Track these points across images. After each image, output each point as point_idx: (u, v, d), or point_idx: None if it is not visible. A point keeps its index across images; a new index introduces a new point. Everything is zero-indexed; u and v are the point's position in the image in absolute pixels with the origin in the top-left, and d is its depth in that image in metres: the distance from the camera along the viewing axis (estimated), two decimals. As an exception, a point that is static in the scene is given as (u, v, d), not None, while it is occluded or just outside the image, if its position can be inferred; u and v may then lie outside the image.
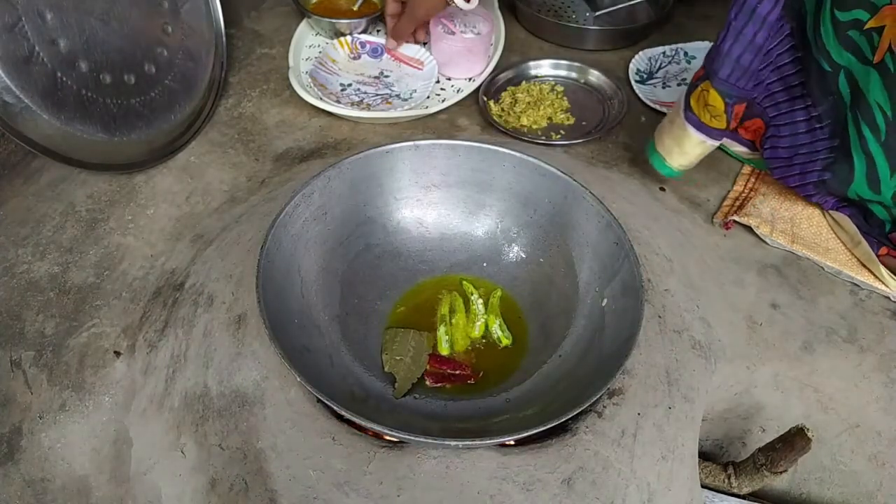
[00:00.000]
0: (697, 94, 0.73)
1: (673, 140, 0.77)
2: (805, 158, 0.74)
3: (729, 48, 0.68)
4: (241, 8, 1.13)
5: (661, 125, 0.80)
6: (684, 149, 0.76)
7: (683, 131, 0.75)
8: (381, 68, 1.02)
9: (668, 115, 0.79)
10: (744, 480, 0.67)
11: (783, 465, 0.63)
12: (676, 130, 0.76)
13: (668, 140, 0.77)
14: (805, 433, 0.61)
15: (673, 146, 0.77)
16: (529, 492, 0.55)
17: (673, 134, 0.77)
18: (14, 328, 0.70)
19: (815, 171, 0.74)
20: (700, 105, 0.72)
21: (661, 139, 0.79)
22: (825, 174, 0.73)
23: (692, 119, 0.74)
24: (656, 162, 0.79)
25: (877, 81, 0.63)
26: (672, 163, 0.78)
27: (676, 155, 0.77)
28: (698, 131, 0.74)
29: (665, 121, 0.79)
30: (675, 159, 0.78)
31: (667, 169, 0.79)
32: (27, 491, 0.62)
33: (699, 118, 0.73)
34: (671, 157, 0.78)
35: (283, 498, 0.56)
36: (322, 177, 0.68)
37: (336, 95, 0.95)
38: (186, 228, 0.80)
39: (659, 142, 0.79)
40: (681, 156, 0.77)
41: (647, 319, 0.67)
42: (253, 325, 0.65)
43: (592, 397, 0.55)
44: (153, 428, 0.63)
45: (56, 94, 0.73)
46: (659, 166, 0.79)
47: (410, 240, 0.75)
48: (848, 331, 0.73)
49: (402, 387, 0.63)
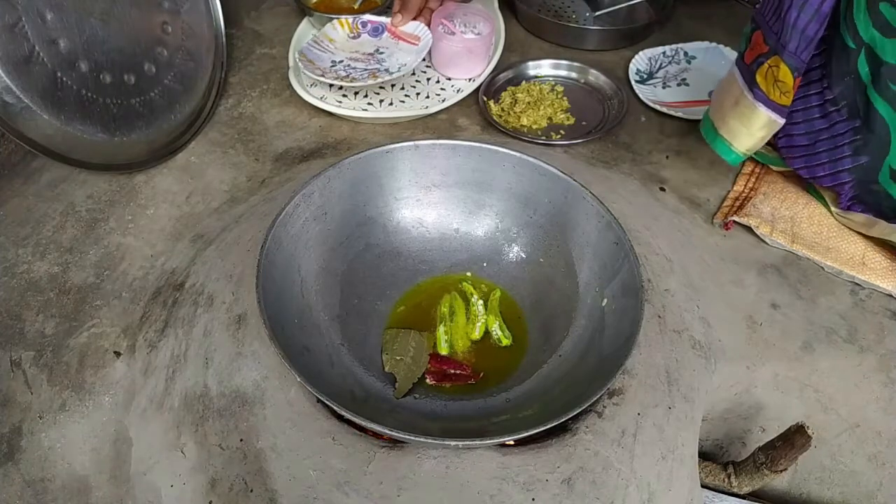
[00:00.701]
0: (765, 71, 0.69)
1: (740, 121, 0.73)
2: (829, 145, 0.72)
3: (795, 19, 0.65)
4: (241, 8, 1.13)
5: (720, 108, 0.76)
6: (752, 129, 0.73)
7: (753, 111, 0.71)
8: (377, 46, 1.01)
9: (725, 97, 0.75)
10: (744, 480, 0.67)
11: (783, 463, 0.63)
12: (743, 111, 0.72)
13: (733, 122, 0.74)
14: (805, 430, 0.61)
15: (740, 128, 0.73)
16: (529, 492, 0.55)
17: (739, 115, 0.73)
18: (14, 328, 0.70)
19: (848, 157, 0.72)
20: (769, 82, 0.69)
21: (725, 122, 0.75)
22: (860, 158, 0.71)
23: (761, 97, 0.70)
24: (721, 148, 0.75)
25: None
26: (739, 146, 0.74)
27: (744, 137, 0.74)
28: (769, 109, 0.71)
29: (725, 104, 0.75)
30: (743, 142, 0.74)
31: (733, 155, 0.75)
32: (27, 491, 0.62)
33: (768, 96, 0.70)
34: (738, 140, 0.74)
35: (283, 498, 0.56)
36: (322, 177, 0.68)
37: (322, 70, 0.94)
38: (186, 228, 0.80)
39: (722, 125, 0.75)
40: (748, 137, 0.74)
41: (647, 319, 0.67)
42: (253, 325, 0.65)
43: (592, 397, 0.55)
44: (153, 428, 0.63)
45: (56, 94, 0.73)
46: (724, 152, 0.75)
47: (410, 240, 0.75)
48: (848, 331, 0.73)
49: (402, 387, 0.63)
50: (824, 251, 0.78)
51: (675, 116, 0.96)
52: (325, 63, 0.97)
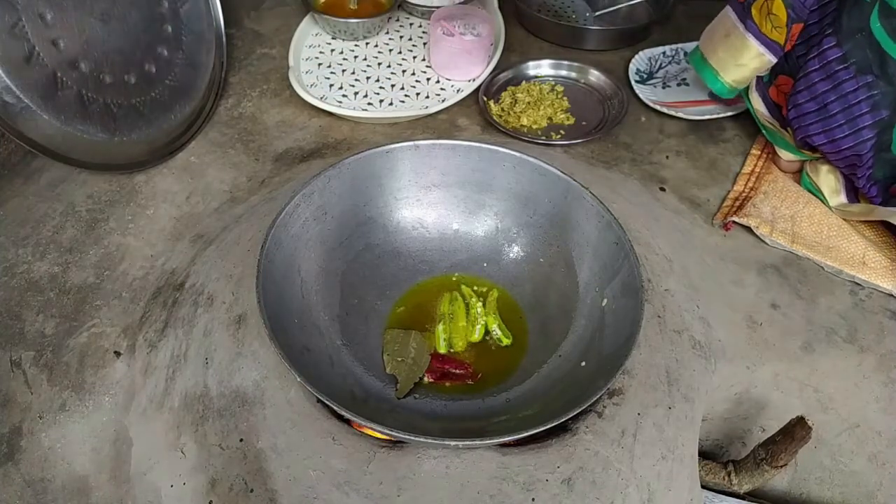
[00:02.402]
0: (760, 4, 0.70)
1: (729, 53, 0.74)
2: (842, 104, 0.72)
3: None
4: (241, 8, 1.13)
5: (712, 38, 0.76)
6: (741, 61, 0.73)
7: (743, 41, 0.72)
8: None
9: (718, 27, 0.75)
10: (744, 477, 0.67)
11: (784, 458, 0.63)
12: (734, 42, 0.73)
13: (722, 52, 0.74)
14: (805, 422, 0.61)
15: (728, 59, 0.74)
16: (529, 492, 0.55)
17: (729, 45, 0.73)
18: (14, 328, 0.70)
19: (867, 114, 0.71)
20: (763, 14, 0.70)
21: (714, 52, 0.75)
22: (880, 112, 0.70)
23: (753, 28, 0.71)
24: (708, 76, 0.76)
25: None
26: (726, 77, 0.75)
27: (732, 69, 0.74)
28: (759, 42, 0.72)
29: (716, 33, 0.76)
30: (731, 73, 0.75)
31: (719, 84, 0.76)
32: (27, 491, 0.62)
33: (759, 28, 0.71)
34: (726, 71, 0.75)
35: (283, 498, 0.56)
36: (322, 177, 0.68)
37: None
38: (186, 228, 0.80)
39: (711, 54, 0.75)
40: (736, 69, 0.74)
41: (647, 319, 0.67)
42: (253, 325, 0.65)
43: (592, 397, 0.55)
44: (153, 428, 0.63)
45: (56, 94, 0.73)
46: (711, 81, 0.76)
47: (410, 240, 0.75)
48: (848, 331, 0.73)
49: (403, 387, 0.63)
50: (824, 251, 0.79)
51: (675, 116, 0.96)
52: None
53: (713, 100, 0.99)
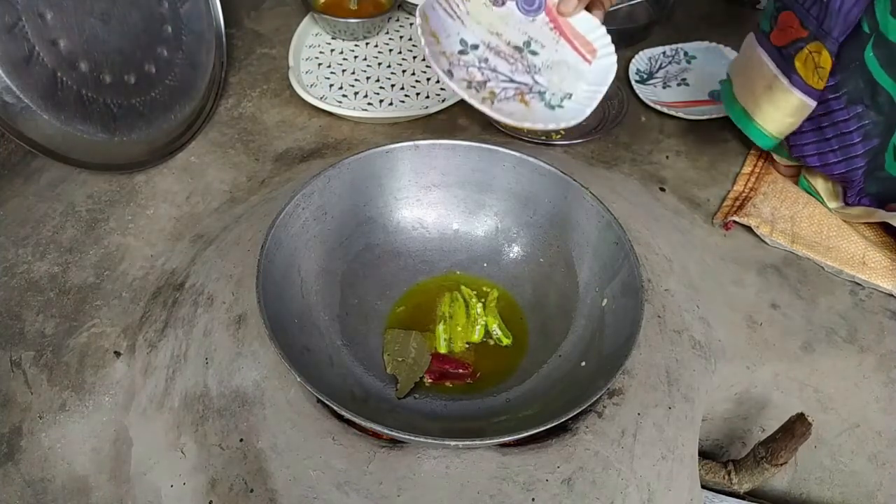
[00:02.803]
0: (805, 57, 0.69)
1: (774, 106, 0.73)
2: (835, 131, 0.72)
3: (840, 5, 0.65)
4: (241, 8, 1.13)
5: (753, 90, 0.75)
6: (786, 113, 0.73)
7: (788, 96, 0.72)
8: (529, 35, 0.64)
9: (755, 78, 0.74)
10: (744, 476, 0.67)
11: (784, 455, 0.63)
12: (778, 95, 0.72)
13: (766, 106, 0.74)
14: (804, 418, 0.61)
15: (774, 113, 0.74)
16: (529, 492, 0.55)
17: (773, 99, 0.73)
18: (14, 328, 0.70)
19: (859, 143, 0.72)
20: (809, 68, 0.69)
21: (758, 107, 0.74)
22: (871, 141, 0.71)
23: (799, 83, 0.70)
24: (755, 133, 0.75)
25: None
26: (773, 131, 0.75)
27: (779, 122, 0.74)
28: (805, 94, 0.71)
29: (755, 85, 0.75)
30: (777, 126, 0.74)
31: (766, 139, 0.75)
32: (27, 491, 0.62)
33: (805, 81, 0.70)
34: (772, 125, 0.74)
35: (283, 498, 0.56)
36: (322, 177, 0.68)
37: (449, 58, 0.60)
38: (186, 228, 0.80)
39: (755, 110, 0.75)
40: (781, 122, 0.74)
41: (647, 319, 0.67)
42: (253, 325, 0.65)
43: (592, 397, 0.55)
44: (153, 428, 0.63)
45: (56, 94, 0.73)
46: (759, 137, 0.75)
47: (410, 240, 0.75)
48: (848, 331, 0.73)
49: (404, 387, 0.63)
50: (824, 251, 0.78)
51: (675, 116, 0.96)
52: (452, 42, 0.61)
53: (713, 100, 0.99)
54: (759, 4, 1.18)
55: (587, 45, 0.62)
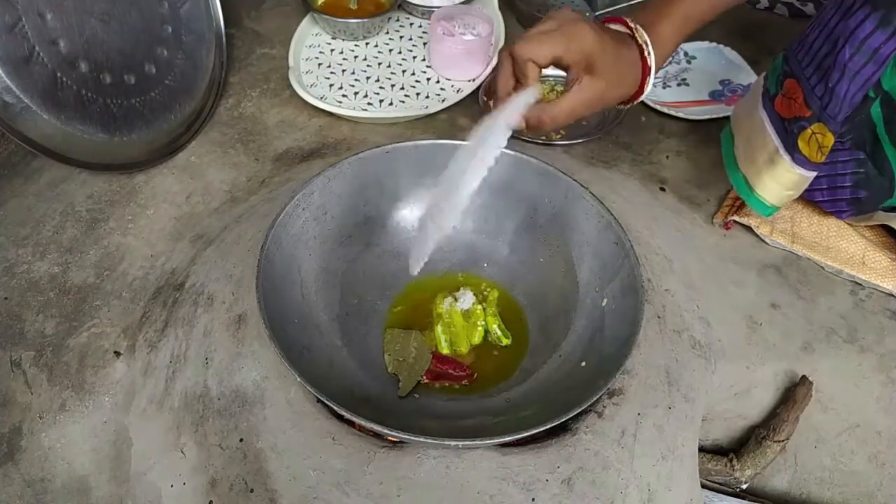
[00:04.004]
0: (808, 137, 0.69)
1: (775, 181, 0.74)
2: (829, 170, 0.73)
3: (845, 91, 0.65)
4: (241, 8, 1.13)
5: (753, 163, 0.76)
6: (787, 187, 0.74)
7: (790, 172, 0.72)
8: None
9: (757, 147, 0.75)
10: (746, 461, 0.67)
11: (786, 428, 0.63)
12: (781, 172, 0.73)
13: (770, 182, 0.74)
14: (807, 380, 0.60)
15: (775, 186, 0.74)
16: (529, 492, 0.55)
17: (776, 176, 0.73)
18: (14, 328, 0.70)
19: (848, 188, 0.73)
20: (813, 148, 0.69)
21: (760, 180, 0.75)
22: (859, 192, 0.72)
23: (802, 161, 0.71)
24: (757, 205, 0.77)
25: None
26: (775, 203, 0.76)
27: (778, 194, 0.75)
28: (807, 170, 0.72)
29: (757, 156, 0.75)
30: (777, 198, 0.75)
31: (768, 210, 0.76)
32: (27, 491, 0.62)
33: (808, 159, 0.70)
34: (775, 197, 0.75)
35: (283, 498, 0.56)
36: (322, 177, 0.68)
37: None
38: (186, 228, 0.80)
39: (756, 182, 0.76)
40: (783, 195, 0.75)
41: (647, 319, 0.67)
42: (253, 325, 0.65)
43: (592, 397, 0.55)
44: (153, 428, 0.63)
45: (56, 94, 0.73)
46: (761, 209, 0.77)
47: (410, 240, 0.74)
48: (848, 331, 0.73)
49: (405, 386, 0.63)
50: (824, 251, 0.78)
51: (675, 116, 0.96)
52: None
53: (713, 100, 0.99)
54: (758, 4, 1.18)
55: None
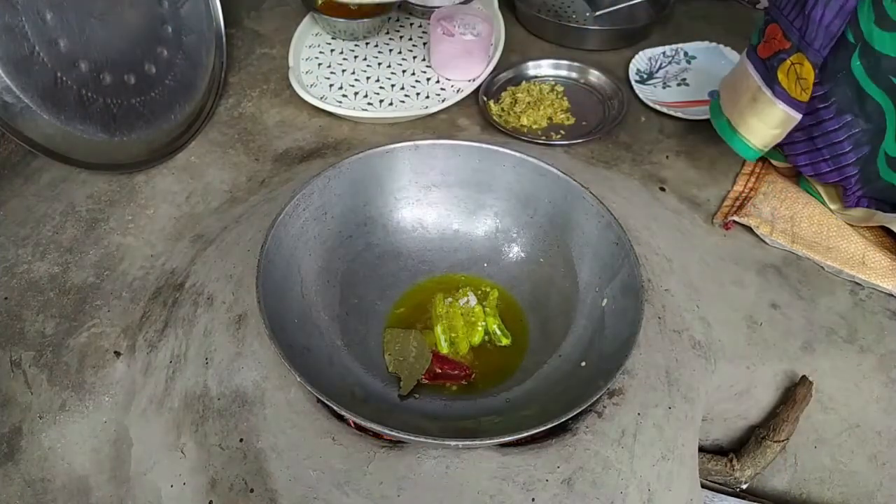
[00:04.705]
0: (787, 68, 0.69)
1: (758, 118, 0.73)
2: (826, 141, 0.73)
3: (821, 17, 0.65)
4: (241, 8, 1.13)
5: (735, 104, 0.76)
6: (772, 126, 0.73)
7: (772, 108, 0.72)
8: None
9: (741, 90, 0.75)
10: (746, 461, 0.67)
11: (786, 428, 0.63)
12: (762, 108, 0.72)
13: (752, 119, 0.74)
14: (807, 380, 0.60)
15: (759, 125, 0.74)
16: (529, 492, 0.55)
17: (758, 111, 0.73)
18: (14, 328, 0.70)
19: (850, 151, 0.72)
20: (791, 79, 0.69)
21: (743, 119, 0.75)
22: (862, 149, 0.71)
23: (782, 94, 0.70)
24: (738, 144, 0.76)
25: None
26: (757, 143, 0.75)
27: (762, 133, 0.74)
28: (789, 106, 0.71)
29: (740, 97, 0.75)
30: (760, 138, 0.75)
31: (751, 151, 0.76)
32: (27, 491, 0.62)
33: (789, 93, 0.70)
34: (757, 137, 0.75)
35: (283, 498, 0.56)
36: (322, 177, 0.68)
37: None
38: (186, 228, 0.80)
39: (740, 123, 0.75)
40: (766, 134, 0.74)
41: (647, 319, 0.67)
42: (253, 325, 0.65)
43: (592, 397, 0.55)
44: (153, 428, 0.63)
45: (56, 94, 0.73)
46: (742, 149, 0.76)
47: (410, 240, 0.75)
48: (848, 331, 0.73)
49: (406, 385, 0.63)
50: (824, 251, 0.78)
51: (675, 116, 0.96)
52: None
53: None
54: (759, 4, 1.18)
55: None
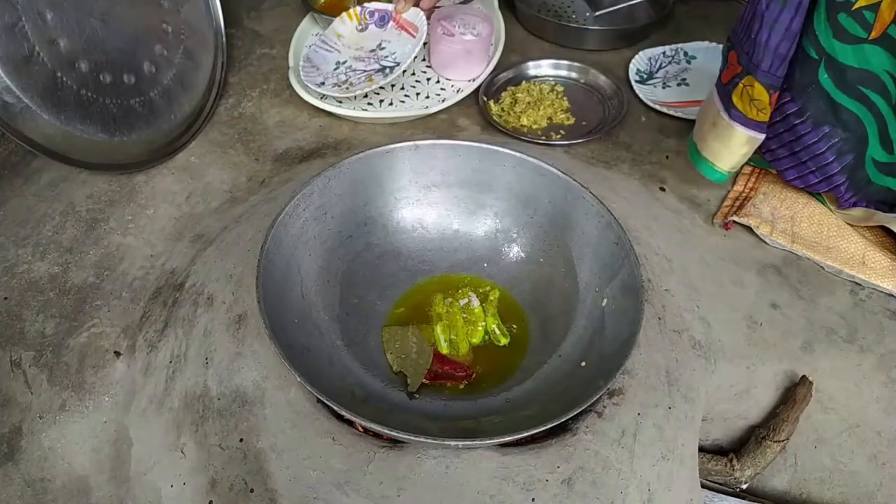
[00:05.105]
0: (740, 91, 0.71)
1: (720, 142, 0.75)
2: (809, 153, 0.74)
3: (766, 39, 0.67)
4: (241, 8, 1.13)
5: (701, 130, 0.78)
6: (733, 149, 0.75)
7: (731, 131, 0.73)
8: (381, 38, 0.99)
9: (705, 118, 0.77)
10: (746, 461, 0.67)
11: (786, 428, 0.63)
12: (721, 132, 0.74)
13: (713, 143, 0.76)
14: (807, 380, 0.60)
15: (721, 148, 0.75)
16: (529, 492, 0.55)
17: (718, 136, 0.75)
18: (14, 328, 0.70)
19: (834, 161, 0.73)
20: (745, 102, 0.71)
21: (706, 144, 0.77)
22: (846, 158, 0.72)
23: (738, 117, 0.72)
24: (705, 168, 0.77)
25: (879, 54, 0.65)
26: (722, 166, 0.76)
27: (726, 157, 0.76)
28: (746, 128, 0.73)
29: (703, 125, 0.77)
30: (725, 162, 0.76)
31: (717, 174, 0.77)
32: (27, 491, 0.62)
33: (745, 115, 0.72)
34: (720, 160, 0.76)
35: (283, 498, 0.56)
36: (322, 177, 0.68)
37: (324, 76, 0.95)
38: (186, 228, 0.80)
39: (704, 147, 0.77)
40: (730, 156, 0.75)
41: (647, 319, 0.67)
42: (253, 325, 0.65)
43: (592, 397, 0.55)
44: (153, 428, 0.63)
45: (56, 94, 0.73)
46: (708, 172, 0.77)
47: (410, 240, 0.75)
48: (848, 331, 0.73)
49: (414, 381, 0.63)
50: (824, 251, 0.78)
51: (675, 116, 0.96)
52: (329, 66, 0.97)
53: None
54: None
55: (412, 26, 0.98)
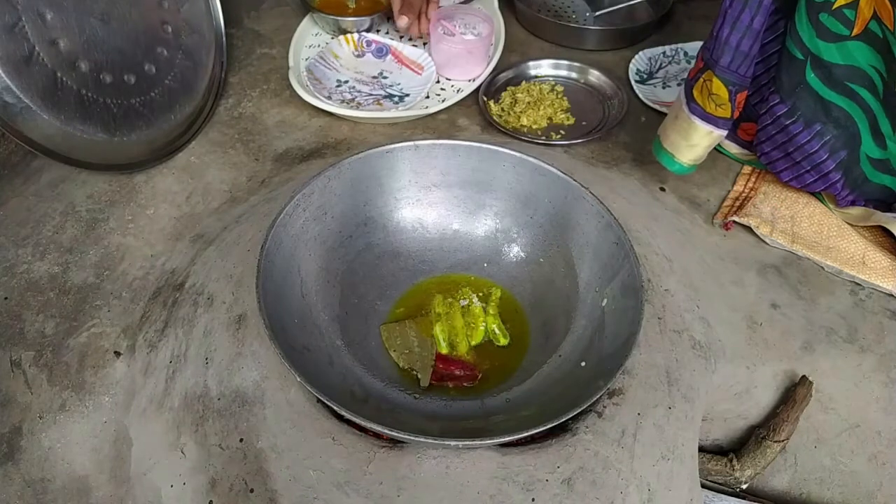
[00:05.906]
0: (700, 86, 0.72)
1: (679, 135, 0.76)
2: (803, 153, 0.74)
3: (727, 36, 0.68)
4: (241, 8, 1.13)
5: (665, 123, 0.79)
6: (692, 141, 0.75)
7: (689, 124, 0.74)
8: (381, 68, 1.02)
9: (671, 112, 0.79)
10: (746, 461, 0.67)
11: (785, 428, 0.63)
12: (682, 124, 0.75)
13: (673, 135, 0.77)
14: (807, 380, 0.61)
15: (680, 141, 0.76)
16: (529, 492, 0.55)
17: (678, 128, 0.76)
18: (14, 328, 0.70)
19: (828, 159, 0.74)
20: (704, 95, 0.72)
21: (667, 136, 0.78)
22: (840, 154, 0.73)
23: (697, 110, 0.73)
24: (665, 159, 0.78)
25: (863, 49, 0.66)
26: (681, 158, 0.77)
27: (685, 150, 0.77)
28: (704, 122, 0.73)
29: (668, 118, 0.79)
30: (684, 154, 0.77)
31: (676, 165, 0.78)
32: (27, 491, 0.62)
33: (704, 109, 0.73)
34: (680, 152, 0.77)
35: (283, 498, 0.56)
36: (322, 177, 0.68)
37: (329, 90, 0.96)
38: (186, 228, 0.80)
39: (665, 139, 0.78)
40: (689, 150, 0.76)
41: (647, 319, 0.67)
42: (253, 325, 0.65)
43: (592, 397, 0.55)
44: (153, 428, 0.63)
45: (56, 94, 0.73)
46: (668, 163, 0.78)
47: (410, 240, 0.75)
48: (848, 331, 0.73)
49: (425, 376, 0.63)
50: (824, 251, 0.78)
51: (675, 116, 0.96)
52: (331, 83, 0.98)
53: None
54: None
55: (417, 65, 1.01)
